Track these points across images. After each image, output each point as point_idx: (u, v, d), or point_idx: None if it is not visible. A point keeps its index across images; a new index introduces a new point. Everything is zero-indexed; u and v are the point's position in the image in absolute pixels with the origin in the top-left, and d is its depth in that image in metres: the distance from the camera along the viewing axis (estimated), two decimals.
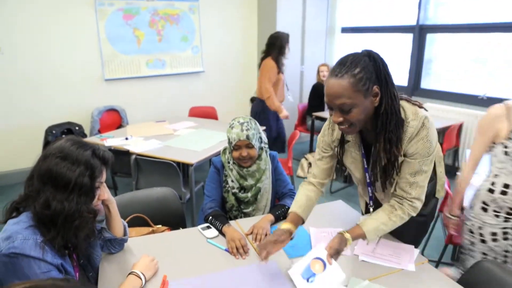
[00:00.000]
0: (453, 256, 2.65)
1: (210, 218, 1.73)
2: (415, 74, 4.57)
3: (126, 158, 2.89)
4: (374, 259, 1.45)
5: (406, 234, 1.57)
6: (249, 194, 1.87)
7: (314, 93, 4.80)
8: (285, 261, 1.45)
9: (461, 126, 4.01)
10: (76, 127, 4.07)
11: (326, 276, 1.25)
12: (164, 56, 4.69)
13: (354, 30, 5.30)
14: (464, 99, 4.11)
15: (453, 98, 4.21)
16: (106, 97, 4.40)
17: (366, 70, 1.18)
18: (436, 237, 2.73)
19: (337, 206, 1.95)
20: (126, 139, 3.16)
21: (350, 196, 3.74)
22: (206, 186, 1.91)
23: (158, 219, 1.87)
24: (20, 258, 1.04)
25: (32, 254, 1.05)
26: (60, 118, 4.09)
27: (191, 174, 2.72)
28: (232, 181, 1.87)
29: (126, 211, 1.77)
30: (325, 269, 1.26)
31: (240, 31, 5.22)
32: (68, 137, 1.22)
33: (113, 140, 3.15)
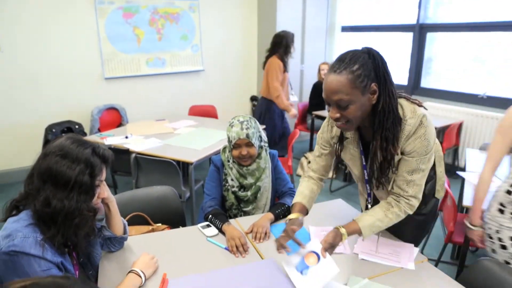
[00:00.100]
0: (452, 254, 2.66)
1: (210, 216, 1.73)
2: (415, 73, 4.57)
3: (126, 156, 2.89)
4: (374, 258, 1.45)
5: (406, 233, 1.57)
6: (249, 192, 1.87)
7: (315, 92, 4.80)
8: (284, 258, 1.45)
9: (461, 125, 4.01)
10: (76, 126, 4.07)
11: (319, 269, 1.26)
12: (164, 54, 4.68)
13: (354, 29, 5.30)
14: (464, 98, 4.11)
15: (453, 97, 4.21)
16: (106, 95, 4.40)
17: (365, 67, 1.18)
18: (435, 236, 2.74)
19: (337, 204, 1.95)
20: (126, 138, 3.16)
21: (350, 195, 3.74)
22: (206, 184, 1.91)
23: (158, 218, 1.88)
24: (20, 256, 1.04)
25: (32, 252, 1.05)
26: (60, 117, 4.09)
27: (191, 172, 2.72)
28: (232, 179, 1.87)
29: (126, 210, 1.77)
30: (318, 262, 1.27)
31: (240, 30, 5.22)
32: (68, 135, 1.21)
33: (113, 138, 3.15)
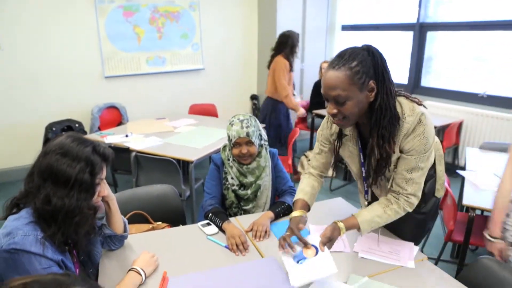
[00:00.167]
0: (452, 253, 2.66)
1: (210, 215, 1.73)
2: (415, 72, 4.57)
3: (126, 155, 2.89)
4: (374, 256, 1.46)
5: (406, 232, 1.57)
6: (249, 191, 1.87)
7: (316, 90, 4.78)
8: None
9: (461, 124, 4.01)
10: (76, 124, 4.07)
11: (316, 262, 1.26)
12: (164, 53, 4.68)
13: (354, 28, 5.29)
14: (464, 97, 4.11)
15: (453, 96, 4.21)
16: (106, 94, 4.40)
17: (364, 64, 1.19)
18: (435, 234, 2.74)
19: (336, 203, 1.95)
20: (126, 136, 3.16)
21: (350, 193, 3.74)
22: (206, 183, 1.91)
23: (158, 216, 1.88)
24: (20, 254, 1.04)
25: (32, 250, 1.05)
26: (60, 115, 4.09)
27: (191, 171, 2.72)
28: (232, 178, 1.87)
29: (126, 208, 1.77)
30: (316, 254, 1.28)
31: (240, 29, 5.21)
32: (68, 133, 1.22)
33: (113, 137, 3.15)
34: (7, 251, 1.04)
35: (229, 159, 1.88)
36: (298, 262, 1.29)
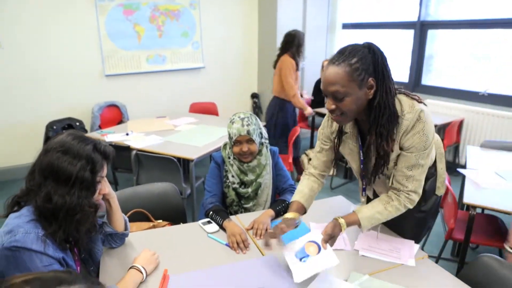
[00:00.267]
0: (452, 251, 2.67)
1: (211, 213, 1.73)
2: (416, 70, 4.56)
3: (126, 153, 2.90)
4: (374, 254, 1.46)
5: (406, 230, 1.57)
6: (249, 189, 1.87)
7: (317, 89, 4.77)
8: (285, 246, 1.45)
9: (461, 122, 4.01)
10: (76, 123, 4.08)
11: (319, 259, 1.27)
12: (164, 51, 4.68)
13: (355, 26, 5.28)
14: (465, 96, 4.11)
15: (454, 95, 4.20)
16: (107, 92, 4.40)
17: (363, 61, 1.19)
18: (436, 233, 2.74)
19: (337, 201, 1.95)
20: (126, 135, 3.16)
21: (350, 191, 3.74)
22: (207, 181, 1.91)
23: (158, 214, 1.88)
24: (22, 251, 1.04)
25: (33, 248, 1.05)
26: (60, 114, 4.09)
27: (192, 169, 2.72)
28: (232, 176, 1.87)
29: (127, 206, 1.77)
30: (319, 252, 1.28)
31: (240, 27, 5.20)
32: (69, 131, 1.22)
33: (113, 135, 3.15)
34: (9, 249, 1.04)
35: (229, 157, 1.88)
36: (301, 260, 1.29)
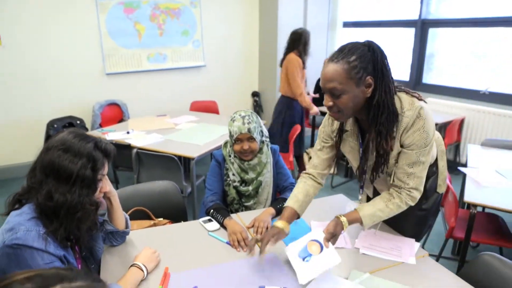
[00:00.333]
0: (453, 250, 2.67)
1: (212, 211, 1.73)
2: (417, 69, 4.55)
3: (127, 152, 2.90)
4: (375, 252, 1.46)
5: (407, 228, 1.57)
6: (250, 187, 1.87)
7: (318, 87, 4.77)
8: (285, 254, 1.46)
9: (462, 121, 4.01)
10: (77, 121, 4.08)
11: (322, 258, 1.27)
12: (165, 50, 4.68)
13: (356, 25, 5.28)
14: (466, 94, 4.10)
15: (455, 93, 4.20)
16: (107, 91, 4.40)
17: (362, 59, 1.19)
18: (436, 231, 2.74)
19: (338, 200, 1.95)
20: (127, 133, 3.16)
21: (351, 190, 3.74)
22: (207, 179, 1.91)
23: (159, 213, 1.88)
24: (23, 249, 1.04)
25: (35, 245, 1.05)
26: (61, 112, 4.10)
27: (192, 167, 2.72)
28: (233, 174, 1.87)
29: (127, 205, 1.77)
30: (321, 251, 1.28)
31: (241, 25, 5.20)
32: (70, 129, 1.22)
33: (114, 134, 3.15)
34: (10, 247, 1.04)
35: (230, 156, 1.88)
36: (304, 259, 1.29)
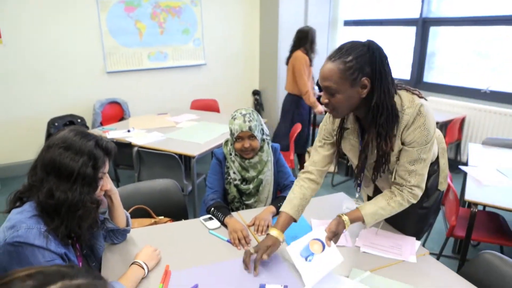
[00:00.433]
0: (454, 249, 2.67)
1: (212, 209, 1.73)
2: (418, 67, 4.54)
3: (128, 150, 2.90)
4: (376, 251, 1.46)
5: (408, 227, 1.57)
6: (251, 185, 1.87)
7: (319, 86, 4.76)
8: (286, 252, 1.46)
9: (463, 119, 4.00)
10: (78, 120, 4.08)
11: (324, 257, 1.28)
12: (165, 48, 4.67)
13: (356, 23, 5.26)
14: (467, 93, 4.10)
15: (456, 92, 4.19)
16: (108, 89, 4.40)
17: (359, 60, 1.18)
18: (437, 230, 2.74)
19: (338, 198, 1.95)
20: (128, 132, 3.16)
21: (352, 189, 3.71)
22: (208, 178, 1.91)
23: (160, 211, 1.88)
24: (24, 247, 1.05)
25: (36, 243, 1.05)
26: (62, 111, 4.10)
27: (193, 166, 2.73)
28: (234, 172, 1.87)
29: (128, 203, 1.77)
30: (323, 250, 1.29)
31: (242, 24, 5.19)
32: (71, 127, 1.22)
33: (115, 132, 3.15)
34: (11, 244, 1.04)
35: (231, 154, 1.88)
36: (307, 258, 1.29)
